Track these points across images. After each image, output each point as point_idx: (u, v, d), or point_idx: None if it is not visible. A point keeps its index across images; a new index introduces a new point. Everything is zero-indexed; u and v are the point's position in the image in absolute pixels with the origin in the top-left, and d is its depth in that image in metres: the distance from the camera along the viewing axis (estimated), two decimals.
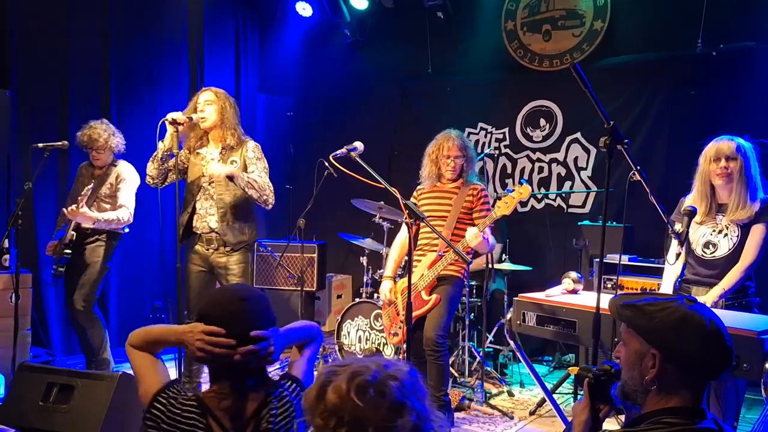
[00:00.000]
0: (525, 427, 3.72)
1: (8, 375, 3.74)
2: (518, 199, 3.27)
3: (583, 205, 5.20)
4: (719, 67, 4.51)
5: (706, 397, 1.52)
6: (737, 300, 2.86)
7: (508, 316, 3.24)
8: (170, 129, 3.38)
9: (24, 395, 2.91)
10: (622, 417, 2.96)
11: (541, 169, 5.42)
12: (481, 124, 5.72)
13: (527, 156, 5.49)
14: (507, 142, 5.59)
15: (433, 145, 3.68)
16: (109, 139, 4.06)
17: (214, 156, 3.55)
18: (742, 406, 2.93)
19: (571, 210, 5.18)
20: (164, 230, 4.73)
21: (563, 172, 5.30)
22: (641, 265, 4.24)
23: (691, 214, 2.73)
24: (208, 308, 1.64)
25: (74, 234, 3.91)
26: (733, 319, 2.46)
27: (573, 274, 3.20)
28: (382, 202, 4.69)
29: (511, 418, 3.82)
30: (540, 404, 3.96)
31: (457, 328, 4.57)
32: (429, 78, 5.99)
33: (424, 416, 1.16)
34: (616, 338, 2.50)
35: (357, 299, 4.88)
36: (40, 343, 4.57)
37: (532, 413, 3.89)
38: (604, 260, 2.33)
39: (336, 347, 4.75)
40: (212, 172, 3.44)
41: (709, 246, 2.93)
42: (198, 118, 3.48)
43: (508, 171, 5.59)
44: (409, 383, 1.18)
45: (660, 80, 4.82)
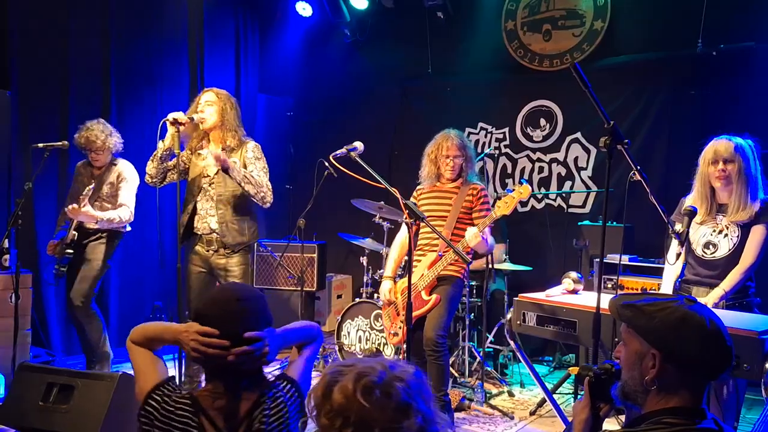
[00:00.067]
0: (525, 427, 3.71)
1: (8, 375, 3.74)
2: (518, 199, 3.27)
3: (583, 205, 5.20)
4: (719, 67, 4.51)
5: (706, 397, 1.52)
6: (738, 300, 2.86)
7: (508, 316, 3.23)
8: (171, 129, 3.36)
9: (24, 395, 2.91)
10: (622, 417, 2.96)
11: (541, 169, 5.42)
12: (481, 124, 5.72)
13: (527, 156, 5.49)
14: (507, 142, 5.59)
15: (432, 144, 3.68)
16: (107, 140, 4.05)
17: None
18: (742, 406, 2.93)
19: (571, 210, 5.17)
20: (163, 230, 4.74)
21: (563, 172, 5.30)
22: (641, 265, 4.24)
23: (692, 214, 2.73)
24: (203, 308, 1.65)
25: (76, 234, 3.91)
26: (733, 319, 2.46)
27: (573, 274, 3.20)
28: (382, 202, 4.69)
29: (512, 418, 3.82)
30: (540, 404, 3.96)
31: (457, 328, 4.56)
32: (429, 78, 5.98)
33: (429, 418, 1.16)
34: (616, 338, 2.50)
35: (357, 299, 4.87)
36: (40, 343, 4.57)
37: (532, 413, 3.89)
38: (604, 260, 2.33)
39: (336, 347, 4.75)
40: (209, 156, 3.43)
41: (710, 246, 2.93)
42: (199, 119, 3.48)
43: (508, 171, 5.59)
44: (415, 385, 1.17)
45: (660, 80, 4.83)
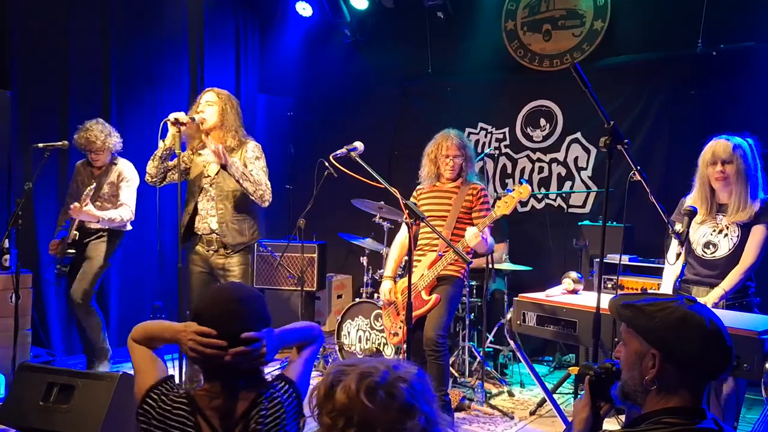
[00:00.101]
0: (525, 427, 3.72)
1: (8, 375, 3.74)
2: (518, 199, 3.27)
3: (583, 205, 5.20)
4: (719, 67, 4.51)
5: (706, 397, 1.52)
6: (738, 300, 2.86)
7: (508, 316, 3.23)
8: (172, 129, 3.36)
9: (24, 395, 2.91)
10: (622, 417, 2.96)
11: (541, 169, 5.42)
12: (481, 124, 5.72)
13: (527, 156, 5.49)
14: (507, 142, 5.58)
15: (432, 144, 3.68)
16: (107, 140, 4.05)
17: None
18: (742, 406, 2.94)
19: (571, 210, 5.17)
20: (163, 230, 4.75)
21: (563, 172, 5.30)
22: (641, 265, 4.24)
23: (692, 214, 2.73)
24: (202, 307, 1.64)
25: (77, 233, 3.91)
26: (733, 319, 2.46)
27: (573, 274, 3.20)
28: (382, 202, 4.69)
29: (512, 418, 3.82)
30: (540, 404, 3.96)
31: (457, 328, 4.56)
32: (429, 78, 5.98)
33: (432, 419, 1.15)
34: (616, 338, 2.50)
35: (357, 299, 4.87)
36: (41, 343, 4.57)
37: (532, 413, 3.89)
38: (604, 260, 2.34)
39: (336, 347, 4.74)
40: (209, 150, 3.42)
41: (710, 246, 2.93)
42: (199, 119, 3.47)
43: (508, 171, 5.59)
44: (418, 385, 1.17)
45: (660, 80, 4.82)
